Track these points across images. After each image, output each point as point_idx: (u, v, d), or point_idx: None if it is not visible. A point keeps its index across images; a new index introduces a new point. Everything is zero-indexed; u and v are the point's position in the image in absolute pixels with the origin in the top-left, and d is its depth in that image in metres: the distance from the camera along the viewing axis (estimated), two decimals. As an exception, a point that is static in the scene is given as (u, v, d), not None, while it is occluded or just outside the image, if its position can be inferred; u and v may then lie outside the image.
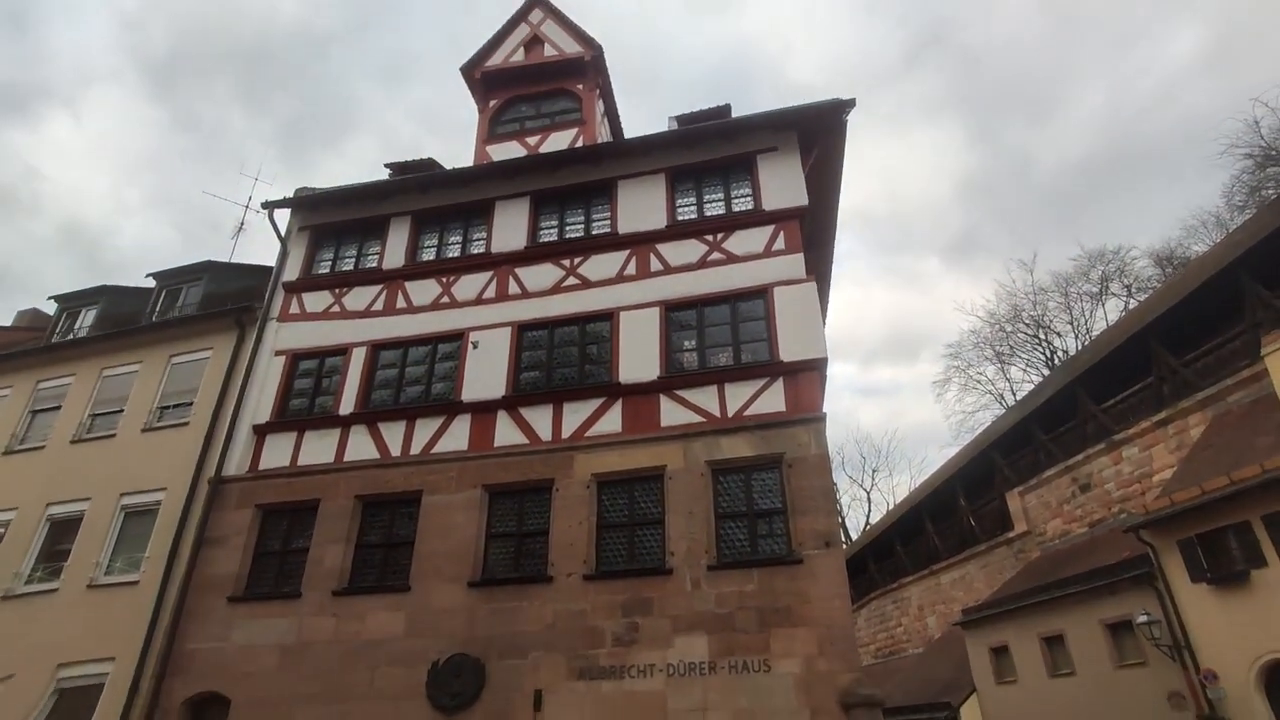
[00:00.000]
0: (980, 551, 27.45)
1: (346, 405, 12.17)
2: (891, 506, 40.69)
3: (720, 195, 12.89)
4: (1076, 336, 38.11)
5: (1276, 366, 16.90)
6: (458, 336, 12.42)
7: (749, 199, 12.62)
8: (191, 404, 13.14)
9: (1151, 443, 21.84)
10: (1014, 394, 38.98)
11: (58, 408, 14.15)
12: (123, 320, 15.78)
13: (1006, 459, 27.90)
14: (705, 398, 10.77)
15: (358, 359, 12.63)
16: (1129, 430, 22.56)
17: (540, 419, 11.24)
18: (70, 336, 15.89)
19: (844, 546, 44.05)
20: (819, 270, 14.16)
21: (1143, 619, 16.38)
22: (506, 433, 11.28)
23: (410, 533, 10.87)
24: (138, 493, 12.45)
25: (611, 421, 10.94)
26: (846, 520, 50.77)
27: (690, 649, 9.01)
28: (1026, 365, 41.08)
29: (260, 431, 12.32)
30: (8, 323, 22.36)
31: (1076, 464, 24.31)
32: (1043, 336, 40.18)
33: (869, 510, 51.82)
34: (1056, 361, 37.27)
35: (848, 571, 9.52)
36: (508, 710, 9.15)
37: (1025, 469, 26.71)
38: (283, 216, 14.67)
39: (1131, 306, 33.13)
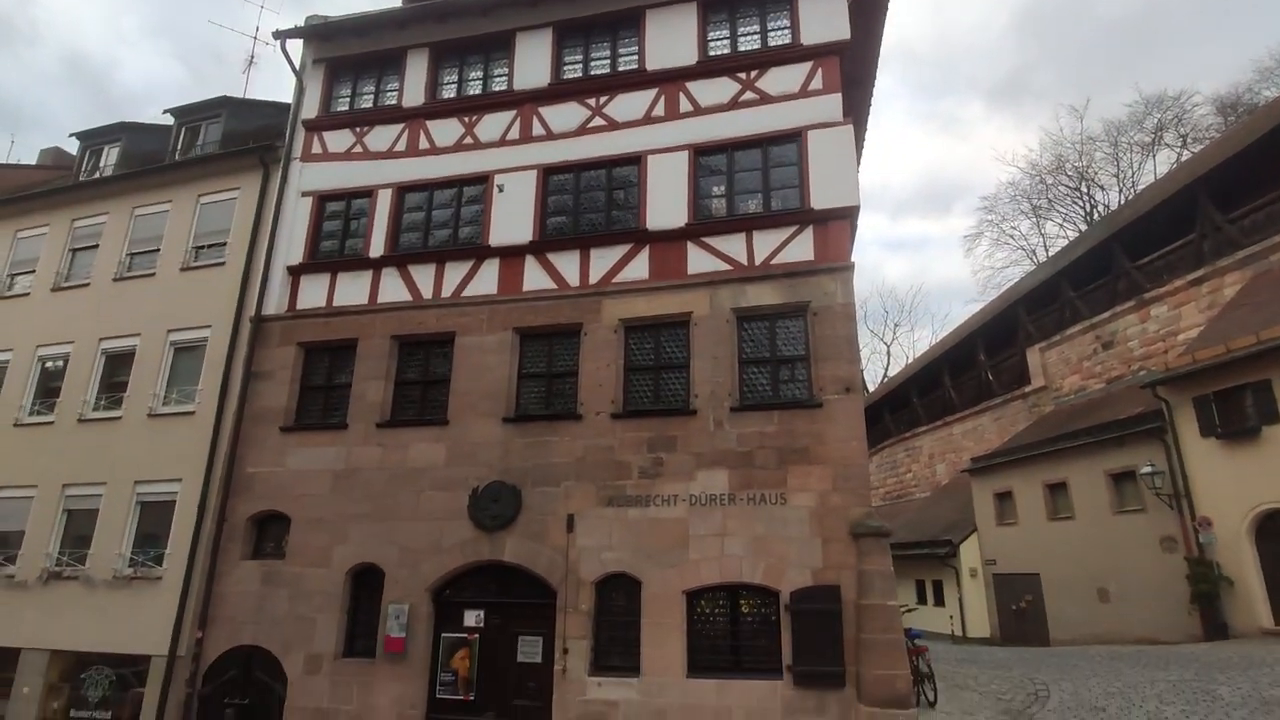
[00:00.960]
0: (995, 405, 28.10)
1: (376, 248, 12.26)
2: (910, 360, 41.17)
3: (755, 27, 11.99)
4: (1121, 190, 36.40)
5: (1331, 224, 16.22)
6: (483, 179, 12.21)
7: (786, 31, 11.73)
8: (225, 244, 13.32)
9: (1182, 301, 21.52)
10: (1046, 250, 37.99)
11: (95, 246, 14.43)
12: (146, 159, 15.64)
13: (1031, 315, 27.77)
14: (733, 245, 10.69)
15: (384, 201, 12.55)
16: (1161, 289, 22.17)
17: (568, 264, 11.29)
18: (96, 175, 15.85)
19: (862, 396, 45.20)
20: (856, 113, 13.43)
21: (1147, 469, 17.02)
22: (535, 277, 11.39)
23: (446, 372, 11.35)
24: (183, 329, 12.98)
25: (638, 268, 10.97)
26: (865, 372, 51.66)
27: (711, 482, 9.63)
28: (1064, 220, 39.67)
29: (294, 272, 12.56)
30: (32, 160, 22.29)
31: (1102, 321, 24.18)
32: (1085, 190, 38.43)
33: (888, 363, 52.56)
34: (1096, 217, 35.90)
35: (864, 423, 9.86)
36: (543, 531, 10.01)
37: (1049, 326, 26.64)
38: (295, 48, 13.99)
39: (1184, 158, 31.23)
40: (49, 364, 13.96)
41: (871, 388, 43.75)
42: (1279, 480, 14.42)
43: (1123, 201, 33.52)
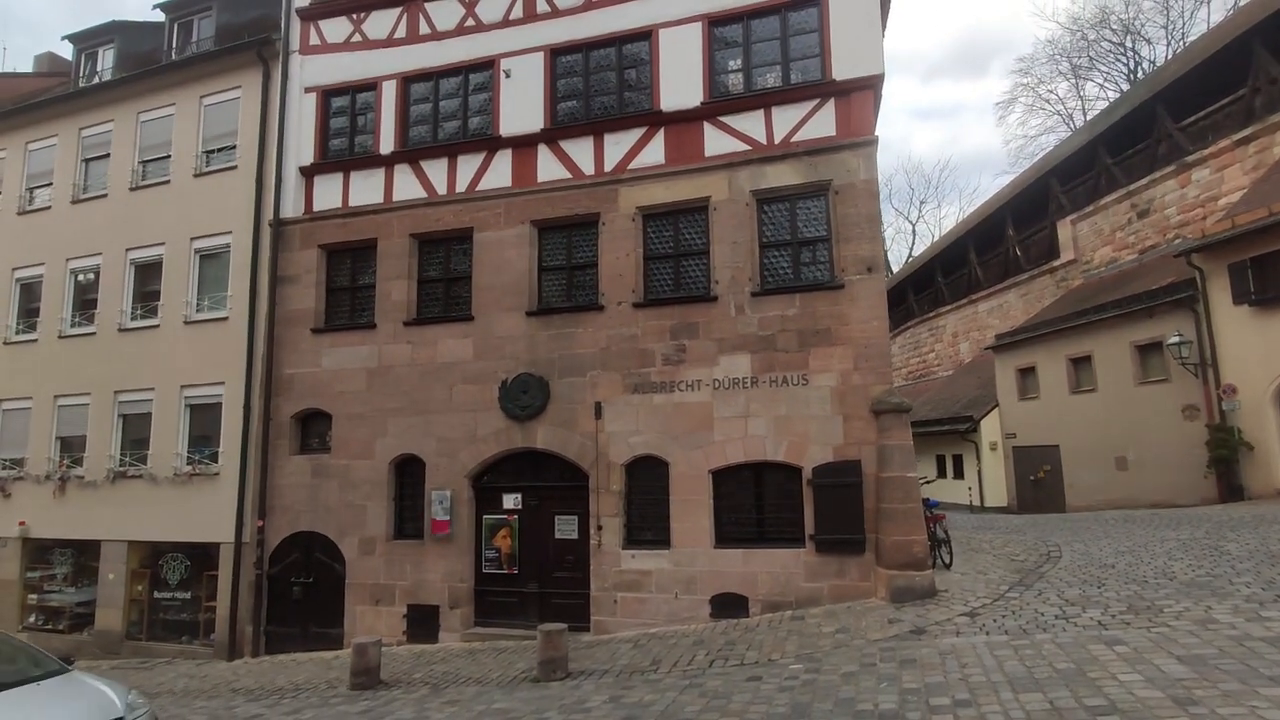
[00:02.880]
0: (1022, 281, 27.63)
1: (386, 144, 12.04)
2: (936, 239, 40.20)
3: (772, -123, 10.98)
4: (1169, 44, 33.78)
5: (1398, 70, 15.08)
6: (488, 65, 11.74)
7: (806, -120, 10.74)
8: (235, 147, 13.16)
9: (1227, 163, 20.49)
10: (1084, 114, 35.91)
11: (107, 155, 14.35)
12: (143, 60, 15.21)
13: (1064, 186, 26.70)
14: (751, 123, 10.31)
15: (389, 94, 12.18)
16: (1205, 150, 21.07)
17: (581, 152, 11.03)
18: (96, 79, 15.50)
19: (887, 277, 44.69)
20: (884, -31, 12.47)
21: (1175, 339, 16.90)
22: (549, 167, 11.17)
23: (467, 268, 11.42)
24: (205, 236, 13.10)
25: (654, 153, 10.68)
26: (889, 252, 50.78)
27: (734, 367, 9.82)
28: (1105, 80, 37.19)
29: (307, 173, 12.45)
30: (27, 67, 21.76)
31: (1139, 189, 23.23)
32: (1130, 45, 35.72)
33: (913, 243, 51.43)
34: (1140, 75, 33.59)
35: (889, 302, 9.85)
36: (572, 418, 10.39)
37: (1082, 196, 25.67)
38: (280, -73, 13.16)
39: (1242, 3, 28.68)
40: (80, 277, 14.28)
41: (896, 268, 43.13)
42: (1310, 345, 14.28)
43: (1170, 56, 31.19)
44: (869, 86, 9.98)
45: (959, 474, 24.44)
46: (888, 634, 7.53)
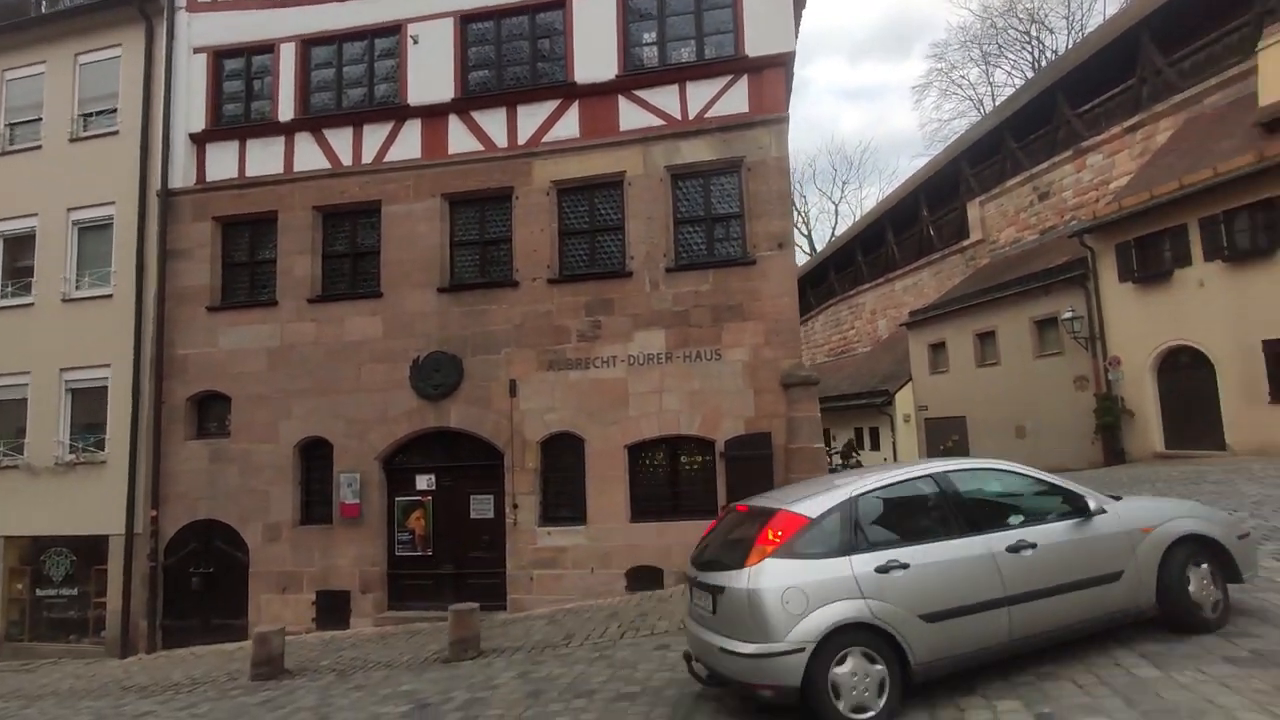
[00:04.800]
0: (934, 260, 28.79)
1: (285, 110, 11.39)
2: (857, 219, 41.37)
3: None
4: (1070, 33, 35.57)
5: (1269, 62, 16.27)
6: (395, 29, 11.23)
7: None
8: (115, 110, 12.18)
9: (1116, 150, 21.77)
10: (994, 100, 37.50)
11: (-33, 118, 13.04)
12: (9, 10, 13.83)
13: (973, 168, 27.88)
14: (666, 98, 10.26)
15: (288, 57, 11.50)
16: (1098, 137, 22.32)
17: (494, 124, 10.73)
18: (-46, 34, 14.02)
19: (809, 257, 45.85)
20: (799, -53, 12.56)
21: (1068, 315, 17.95)
22: (460, 139, 10.83)
23: (375, 242, 10.99)
24: (84, 207, 12.11)
25: (569, 125, 10.50)
26: (813, 233, 52.05)
27: (649, 342, 9.83)
28: (1012, 68, 38.96)
29: (199, 140, 11.66)
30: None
31: (1040, 172, 24.45)
32: (1034, 34, 37.47)
33: (835, 222, 52.93)
34: (1044, 63, 35.29)
35: (810, 281, 10.07)
36: (486, 396, 10.20)
37: (989, 178, 26.86)
38: (164, -127, 12.15)
39: (1137, -3, 30.40)
40: (-58, 251, 13.00)
41: (820, 247, 44.28)
42: (1182, 319, 15.40)
43: (1070, 46, 32.86)
44: (780, 64, 10.08)
45: (875, 445, 25.45)
46: (794, 599, 7.78)
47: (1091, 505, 4.72)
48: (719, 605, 4.30)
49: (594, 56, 10.45)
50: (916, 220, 30.77)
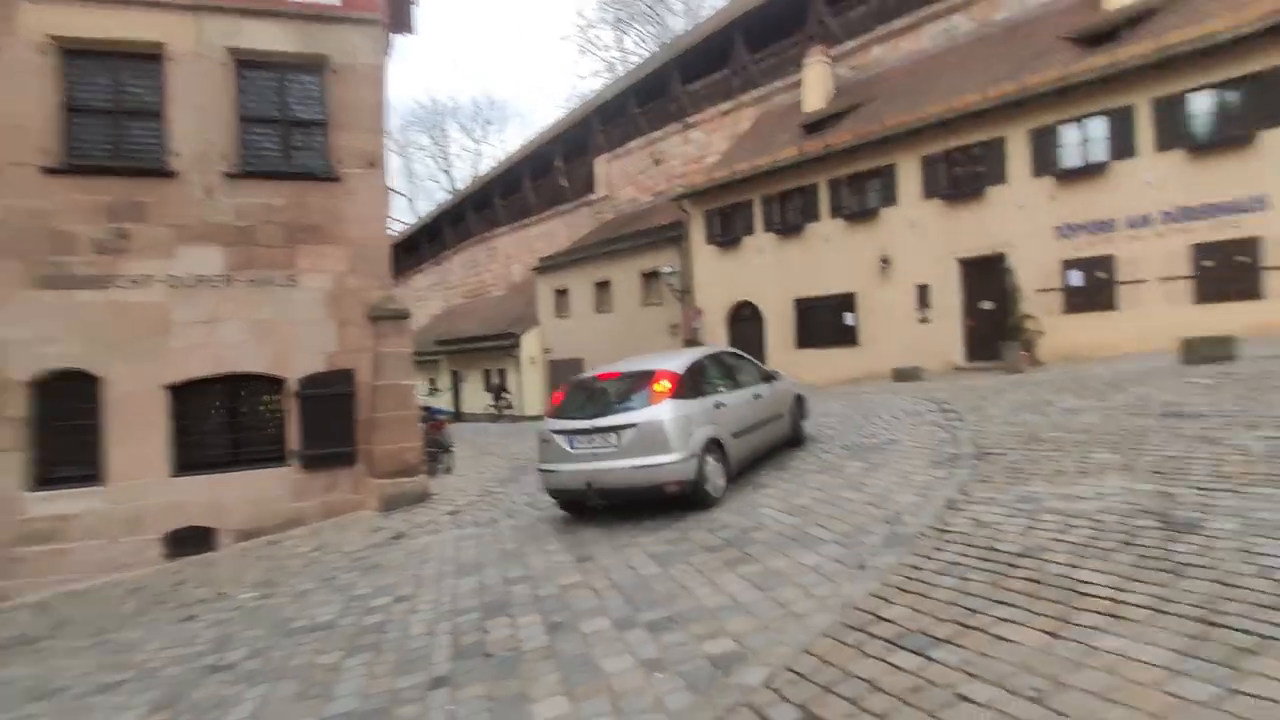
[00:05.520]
0: (566, 211, 30.15)
1: None
2: (499, 162, 41.19)
3: None
4: (687, 15, 39.76)
5: (810, 77, 20.08)
6: None
7: None
8: None
9: (714, 129, 25.01)
10: (625, 66, 40.37)
11: None
12: None
13: (603, 127, 29.65)
14: (230, -38, 8.39)
15: None
16: (700, 115, 25.36)
17: (-45, -62, 7.61)
18: None
19: (450, 195, 44.49)
20: None
21: (667, 270, 20.23)
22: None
23: None
24: None
25: (85, -33, 7.96)
26: (453, 170, 50.65)
27: (201, 261, 8.14)
28: (640, 39, 42.29)
29: None
30: None
31: (656, 139, 26.97)
32: (658, 12, 41.14)
33: (478, 161, 52.17)
34: (666, 40, 39.01)
35: (449, 219, 9.29)
36: (-60, 321, 7.40)
37: (616, 139, 28.85)
38: None
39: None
40: None
41: (460, 186, 43.15)
42: (746, 279, 18.53)
43: (686, 29, 36.74)
44: (378, -43, 8.96)
45: (504, 387, 26.05)
46: (367, 543, 7.28)
47: (776, 376, 7.91)
48: (627, 437, 5.82)
49: (125, -117, 8.02)
50: (552, 170, 31.81)
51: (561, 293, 24.46)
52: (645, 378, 6.15)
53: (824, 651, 3.11)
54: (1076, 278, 12.92)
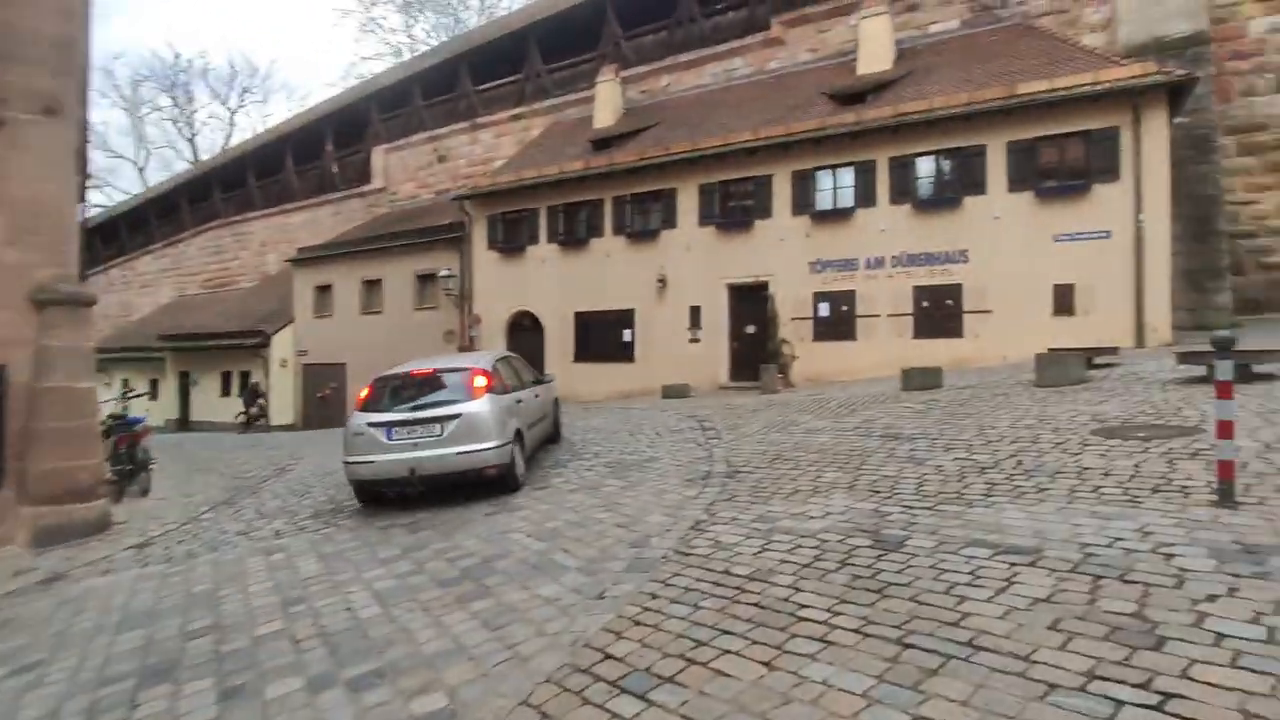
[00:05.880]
0: (336, 199, 27.61)
1: None
2: (256, 135, 36.58)
3: None
4: (483, 11, 38.74)
5: (602, 95, 20.37)
6: None
7: None
8: None
9: (504, 133, 24.45)
10: (414, 52, 38.22)
11: None
12: None
13: (383, 115, 27.66)
14: None
15: None
16: (490, 117, 24.67)
17: None
18: None
19: (190, 165, 38.63)
20: None
21: (445, 272, 19.21)
22: None
23: None
24: None
25: None
26: (197, 139, 44.37)
27: None
28: (433, 29, 40.41)
29: None
30: None
31: (442, 136, 25.74)
32: (455, 7, 39.70)
33: (230, 132, 46.18)
34: (458, 33, 37.61)
35: (189, 196, 7.52)
36: None
37: (397, 129, 27.07)
38: None
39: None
40: None
41: (205, 156, 37.66)
42: (528, 288, 18.14)
43: (481, 23, 35.71)
44: None
45: (262, 392, 22.90)
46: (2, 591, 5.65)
47: (548, 377, 9.34)
48: (450, 428, 6.35)
49: None
50: (321, 153, 28.92)
51: (324, 289, 22.18)
52: (462, 374, 6.79)
53: (544, 701, 2.78)
54: (825, 309, 14.34)
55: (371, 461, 6.36)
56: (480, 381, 6.60)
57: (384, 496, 6.69)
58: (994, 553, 3.51)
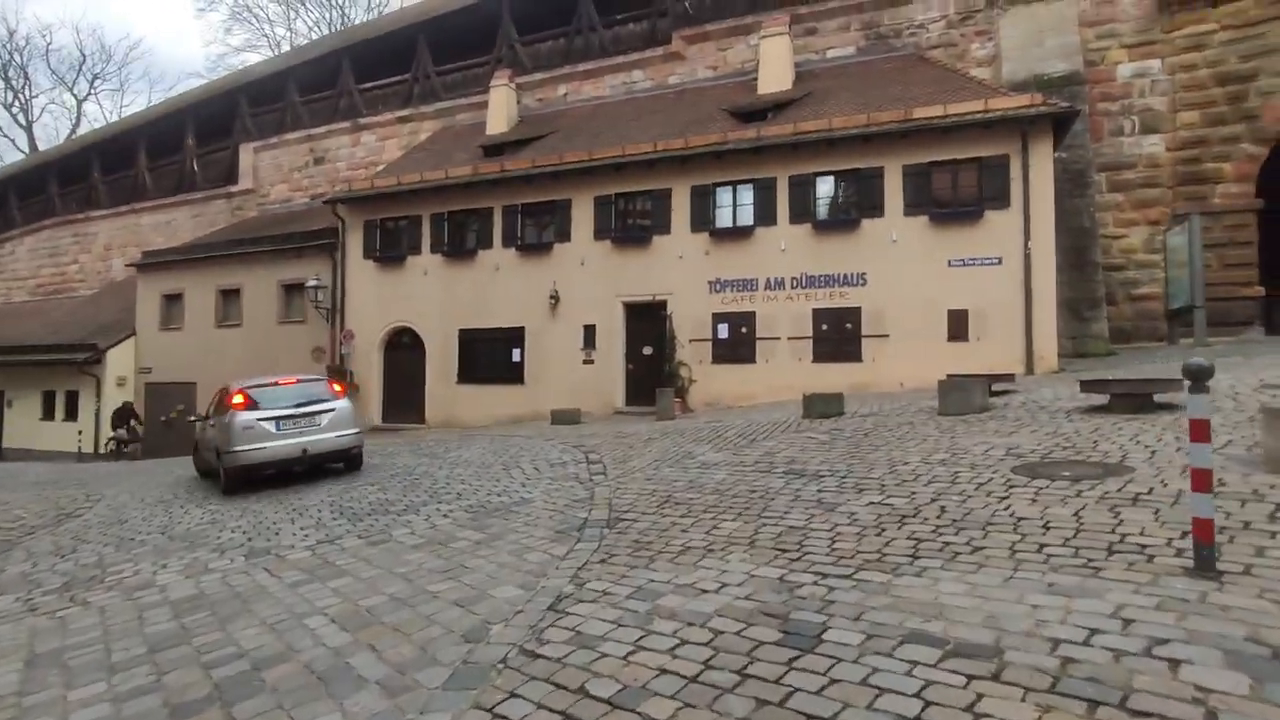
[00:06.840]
0: (196, 199, 24.85)
1: None
2: (105, 126, 32.73)
3: None
4: (370, 9, 36.66)
5: (495, 100, 19.13)
6: None
7: None
8: None
9: (389, 135, 22.74)
10: (292, 45, 35.60)
11: None
12: None
13: (254, 111, 25.22)
14: None
15: None
16: (374, 118, 22.91)
17: None
18: None
19: (24, 155, 34.16)
20: None
21: (313, 282, 17.29)
22: None
23: None
24: None
25: None
26: (34, 126, 39.56)
27: None
28: (316, 23, 37.92)
29: None
30: None
31: (320, 136, 23.72)
32: (343, 4, 37.40)
33: (76, 121, 41.42)
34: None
35: (18, 189, 5.61)
36: None
37: (268, 126, 24.72)
38: None
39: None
40: None
41: (42, 147, 33.31)
42: (408, 303, 16.52)
43: (368, 19, 33.66)
44: None
45: (72, 415, 19.77)
46: None
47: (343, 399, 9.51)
48: (327, 419, 8.66)
49: None
50: (180, 149, 25.99)
51: (173, 298, 19.61)
52: (322, 382, 9.47)
53: None
54: (724, 330, 13.66)
55: (264, 448, 8.24)
56: (338, 387, 9.46)
57: (254, 480, 8.39)
58: (941, 655, 2.61)
